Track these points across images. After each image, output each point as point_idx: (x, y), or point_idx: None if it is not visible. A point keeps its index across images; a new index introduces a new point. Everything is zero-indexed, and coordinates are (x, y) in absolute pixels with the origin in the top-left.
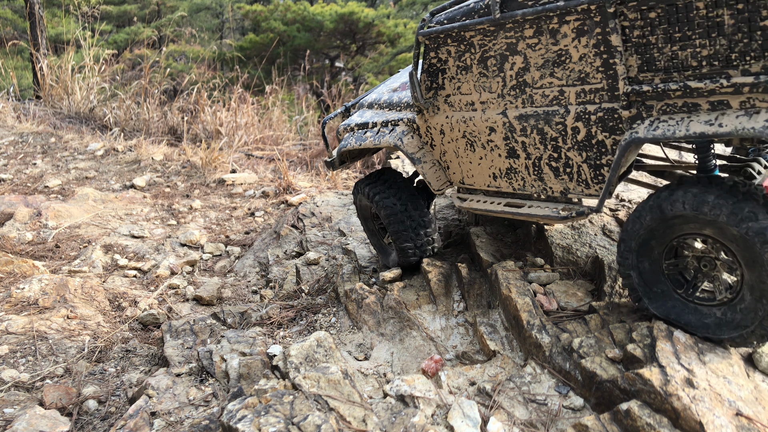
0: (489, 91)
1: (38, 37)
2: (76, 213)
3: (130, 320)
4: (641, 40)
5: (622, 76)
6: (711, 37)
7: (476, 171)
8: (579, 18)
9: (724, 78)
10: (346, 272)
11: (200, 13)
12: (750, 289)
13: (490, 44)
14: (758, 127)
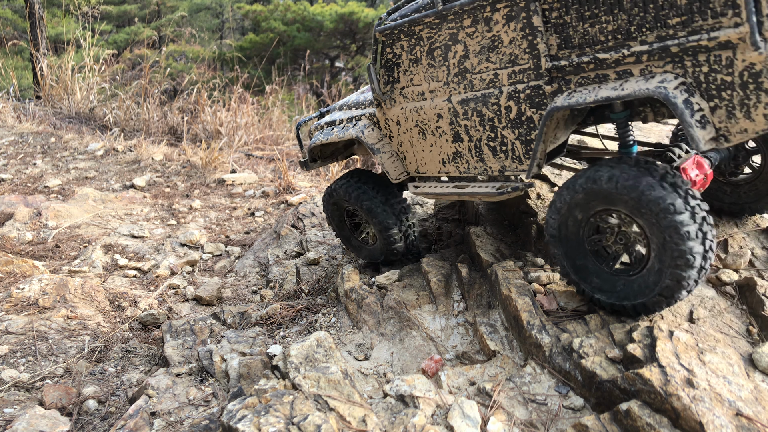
0: (436, 80)
1: (38, 37)
2: (76, 213)
3: (130, 320)
4: (559, 20)
5: (544, 54)
6: (614, 13)
7: (428, 158)
8: (508, 5)
9: (626, 48)
10: (346, 272)
11: (200, 13)
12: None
13: (436, 36)
14: (651, 88)
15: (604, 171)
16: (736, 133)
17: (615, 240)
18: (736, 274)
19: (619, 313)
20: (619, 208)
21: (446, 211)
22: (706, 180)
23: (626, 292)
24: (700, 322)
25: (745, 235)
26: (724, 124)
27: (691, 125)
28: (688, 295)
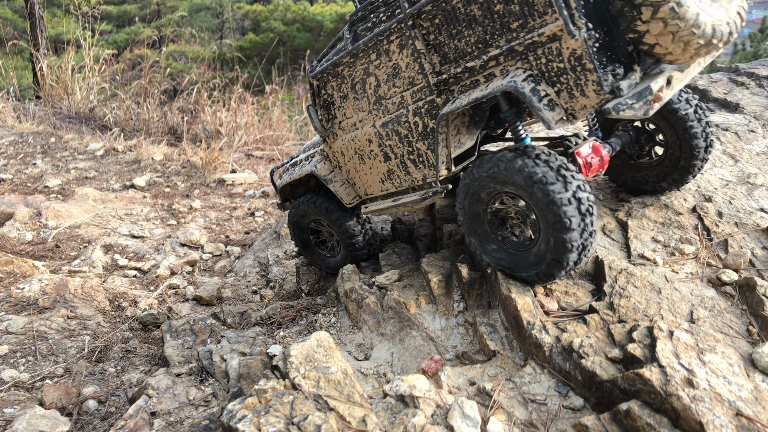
0: (362, 111)
1: (38, 37)
2: (76, 213)
3: (130, 320)
4: (435, 41)
5: (430, 72)
6: (472, 27)
7: (370, 180)
8: (397, 35)
9: (486, 55)
10: (346, 272)
11: (200, 13)
12: (544, 234)
13: (354, 72)
14: (504, 83)
15: (492, 158)
16: (579, 109)
17: (512, 217)
18: (736, 274)
19: (526, 282)
20: (508, 188)
21: (445, 211)
22: (602, 162)
23: (525, 264)
24: (700, 322)
25: (745, 235)
26: (569, 104)
27: (539, 109)
28: (579, 260)
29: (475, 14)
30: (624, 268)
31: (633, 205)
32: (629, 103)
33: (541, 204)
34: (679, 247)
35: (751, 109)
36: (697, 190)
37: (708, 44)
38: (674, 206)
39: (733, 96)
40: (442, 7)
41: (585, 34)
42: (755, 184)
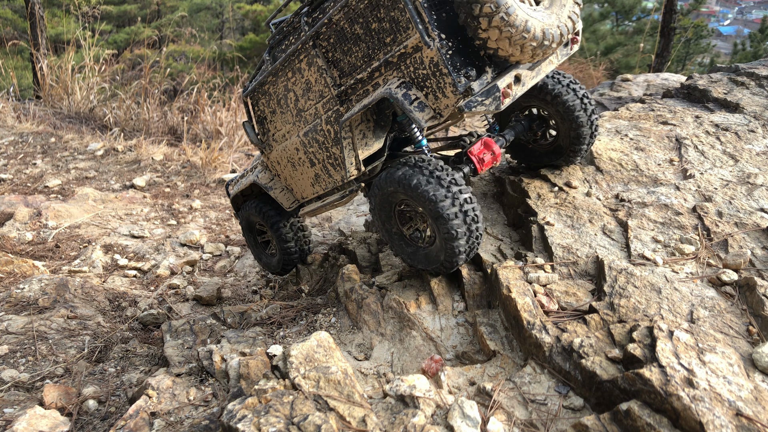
0: (288, 123)
1: (38, 37)
2: (76, 213)
3: (130, 320)
4: (333, 57)
5: (332, 85)
6: (359, 44)
7: (303, 185)
8: (304, 54)
9: (370, 67)
10: (346, 272)
11: (200, 13)
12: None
13: (278, 90)
14: (382, 91)
15: (393, 171)
16: (443, 108)
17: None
18: (736, 274)
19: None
20: (408, 198)
21: None
22: (495, 156)
23: (425, 260)
24: (700, 322)
25: (745, 235)
26: (435, 105)
27: (410, 110)
28: (467, 259)
29: (358, 33)
30: (624, 268)
31: (633, 205)
32: (480, 101)
33: (433, 217)
34: (679, 247)
35: (751, 109)
36: (697, 190)
37: (541, 45)
38: (674, 206)
39: (733, 96)
40: (333, 28)
41: (438, 44)
42: (755, 184)
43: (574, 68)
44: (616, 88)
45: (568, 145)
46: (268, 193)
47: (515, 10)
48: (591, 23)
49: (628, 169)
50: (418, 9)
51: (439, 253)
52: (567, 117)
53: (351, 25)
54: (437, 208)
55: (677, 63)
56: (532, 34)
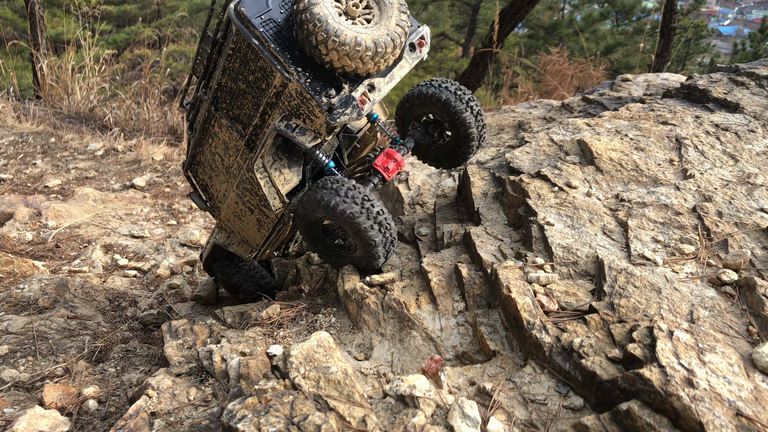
0: (223, 183)
1: (38, 37)
2: (76, 213)
3: (130, 320)
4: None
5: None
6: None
7: (252, 232)
8: (213, 119)
9: (258, 112)
10: (346, 272)
11: (200, 13)
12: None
13: (206, 156)
14: (271, 128)
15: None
16: (319, 127)
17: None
18: (736, 274)
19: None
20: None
21: (446, 210)
22: (398, 163)
23: (355, 264)
24: (700, 322)
25: (745, 235)
26: (313, 126)
27: (293, 136)
28: (387, 259)
29: (242, 88)
30: (624, 268)
31: (633, 205)
32: (342, 111)
33: (353, 231)
34: (679, 247)
35: (751, 109)
36: (697, 190)
37: (376, 54)
38: (674, 206)
39: (733, 96)
40: (224, 90)
41: (297, 77)
42: (755, 184)
43: (575, 68)
44: (616, 88)
45: (461, 145)
46: (228, 249)
47: (343, 31)
48: (591, 23)
49: (628, 169)
50: (273, 53)
51: (362, 259)
52: (458, 124)
53: (236, 83)
54: (356, 223)
55: (677, 63)
56: (365, 46)
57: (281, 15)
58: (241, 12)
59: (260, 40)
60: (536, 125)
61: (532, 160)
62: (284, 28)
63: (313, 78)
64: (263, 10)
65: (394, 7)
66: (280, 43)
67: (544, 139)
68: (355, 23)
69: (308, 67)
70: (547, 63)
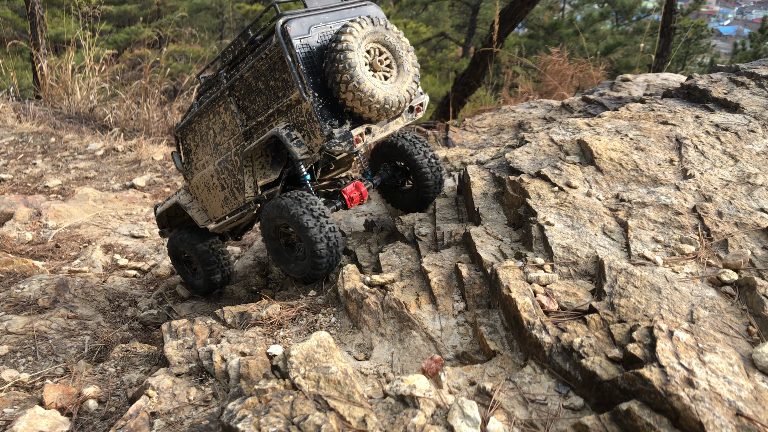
0: (207, 155)
1: (38, 37)
2: (76, 213)
3: (130, 320)
4: (243, 104)
5: (241, 125)
6: (260, 96)
7: (215, 206)
8: (222, 101)
9: (267, 113)
10: (346, 272)
11: (200, 13)
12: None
13: (201, 128)
14: (273, 130)
15: (279, 200)
16: (314, 147)
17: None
18: (736, 274)
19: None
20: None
21: (446, 210)
22: (362, 196)
23: (301, 270)
24: (700, 322)
25: (745, 235)
26: (309, 144)
27: (290, 146)
28: (329, 272)
29: (260, 87)
30: (624, 268)
31: (633, 205)
32: (338, 142)
33: (305, 240)
34: (679, 247)
35: (751, 109)
36: (697, 190)
37: (382, 108)
38: (674, 206)
39: (733, 96)
40: (244, 82)
41: (312, 100)
42: (755, 184)
43: (575, 68)
44: (616, 88)
45: (420, 186)
46: (186, 211)
47: (365, 81)
48: (591, 23)
49: (628, 169)
50: (299, 73)
51: (307, 267)
52: (417, 172)
53: (256, 82)
54: (308, 234)
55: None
56: (377, 99)
57: (317, 44)
58: (286, 30)
59: (293, 58)
60: (536, 125)
61: (532, 160)
62: (316, 55)
63: (324, 106)
64: (304, 34)
65: (410, 75)
66: (309, 67)
67: (544, 139)
68: (375, 76)
69: (324, 95)
70: (547, 63)
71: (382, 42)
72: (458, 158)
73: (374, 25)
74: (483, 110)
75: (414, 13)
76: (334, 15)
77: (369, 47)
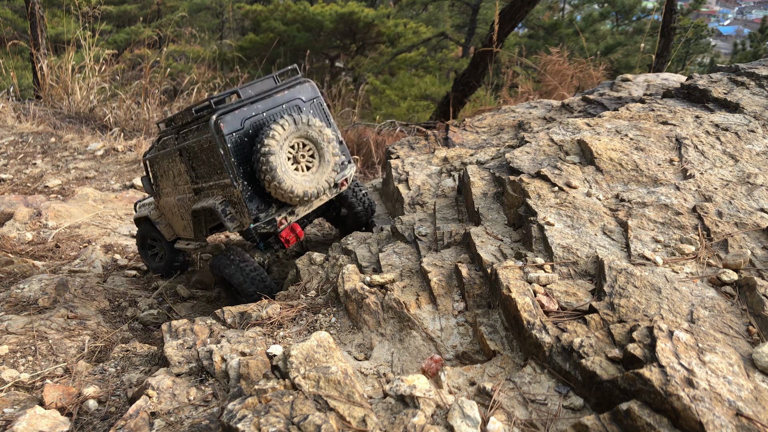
0: (169, 187)
1: (38, 37)
2: (76, 213)
3: (130, 320)
4: (191, 165)
5: (191, 181)
6: (206, 165)
7: (179, 228)
8: (176, 155)
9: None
10: (346, 272)
11: (200, 13)
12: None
13: (164, 165)
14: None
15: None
16: (245, 224)
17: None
18: (736, 274)
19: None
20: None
21: (446, 210)
22: (297, 236)
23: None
24: (700, 322)
25: (745, 235)
26: (240, 220)
27: (224, 220)
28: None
29: (204, 159)
30: (624, 268)
31: (633, 205)
32: (263, 225)
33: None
34: (679, 247)
35: (751, 109)
36: (697, 190)
37: (302, 200)
38: (674, 206)
39: (733, 96)
40: (190, 150)
41: (241, 187)
42: (755, 184)
43: (575, 68)
44: (616, 88)
45: (354, 219)
46: (155, 225)
47: (285, 181)
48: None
49: (628, 169)
50: (230, 164)
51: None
52: (351, 209)
53: (200, 154)
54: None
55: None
56: (296, 194)
57: (250, 133)
58: (219, 126)
59: (225, 151)
60: (536, 125)
61: (532, 160)
62: (247, 145)
63: (253, 192)
64: (237, 128)
65: (329, 166)
66: (240, 158)
67: (544, 139)
68: (297, 170)
69: (252, 183)
70: (547, 63)
71: (306, 136)
72: (458, 158)
73: (296, 124)
74: (483, 110)
75: (414, 13)
76: (267, 103)
77: (294, 142)
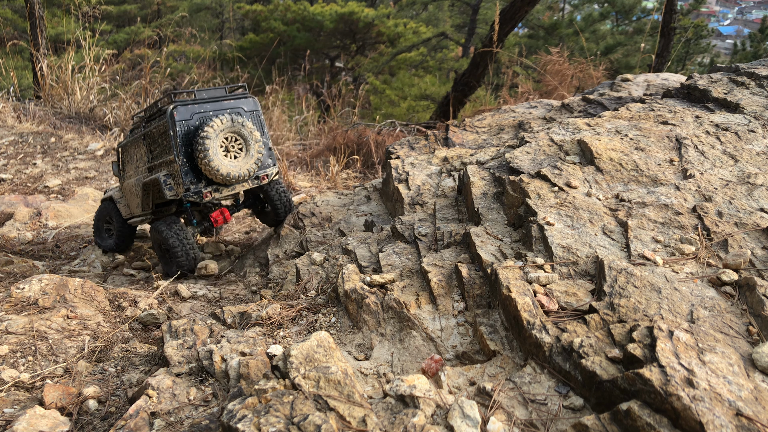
0: (132, 170)
1: (38, 37)
2: (76, 213)
3: (130, 320)
4: (150, 148)
5: (147, 162)
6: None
7: (134, 206)
8: (141, 140)
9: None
10: (346, 272)
11: (200, 13)
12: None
13: (131, 151)
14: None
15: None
16: (180, 193)
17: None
18: (736, 274)
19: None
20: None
21: (446, 210)
22: (225, 218)
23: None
24: (700, 322)
25: (745, 235)
26: (176, 190)
27: (164, 188)
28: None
29: (159, 142)
30: (624, 267)
31: (633, 205)
32: (192, 194)
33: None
34: (679, 247)
35: (751, 109)
36: (697, 190)
37: (225, 178)
38: (674, 206)
39: (733, 96)
40: (151, 135)
41: (180, 162)
42: (755, 184)
43: (575, 68)
44: (616, 88)
45: (274, 215)
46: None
47: (213, 160)
48: (591, 23)
49: (628, 169)
50: (176, 144)
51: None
52: (271, 203)
53: (157, 138)
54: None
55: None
56: (221, 173)
57: (195, 125)
58: (173, 114)
59: (174, 134)
60: (536, 125)
61: (532, 160)
62: (192, 133)
63: (189, 168)
64: (187, 118)
65: (253, 159)
66: (184, 141)
67: (544, 139)
68: (227, 156)
69: (190, 160)
70: (547, 63)
71: (238, 133)
72: (458, 158)
73: (233, 122)
74: (483, 110)
75: (414, 13)
76: (215, 105)
77: (228, 135)
